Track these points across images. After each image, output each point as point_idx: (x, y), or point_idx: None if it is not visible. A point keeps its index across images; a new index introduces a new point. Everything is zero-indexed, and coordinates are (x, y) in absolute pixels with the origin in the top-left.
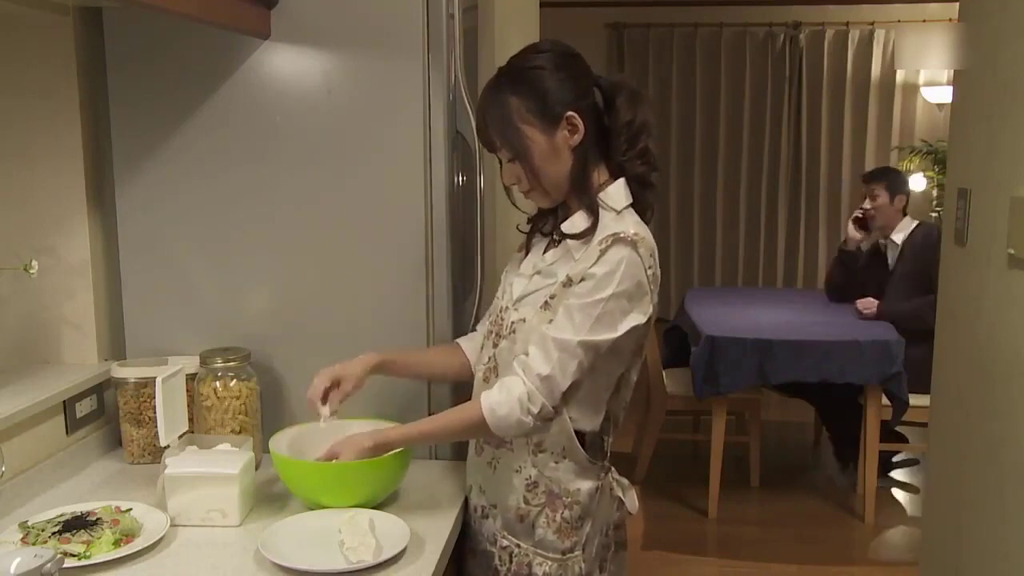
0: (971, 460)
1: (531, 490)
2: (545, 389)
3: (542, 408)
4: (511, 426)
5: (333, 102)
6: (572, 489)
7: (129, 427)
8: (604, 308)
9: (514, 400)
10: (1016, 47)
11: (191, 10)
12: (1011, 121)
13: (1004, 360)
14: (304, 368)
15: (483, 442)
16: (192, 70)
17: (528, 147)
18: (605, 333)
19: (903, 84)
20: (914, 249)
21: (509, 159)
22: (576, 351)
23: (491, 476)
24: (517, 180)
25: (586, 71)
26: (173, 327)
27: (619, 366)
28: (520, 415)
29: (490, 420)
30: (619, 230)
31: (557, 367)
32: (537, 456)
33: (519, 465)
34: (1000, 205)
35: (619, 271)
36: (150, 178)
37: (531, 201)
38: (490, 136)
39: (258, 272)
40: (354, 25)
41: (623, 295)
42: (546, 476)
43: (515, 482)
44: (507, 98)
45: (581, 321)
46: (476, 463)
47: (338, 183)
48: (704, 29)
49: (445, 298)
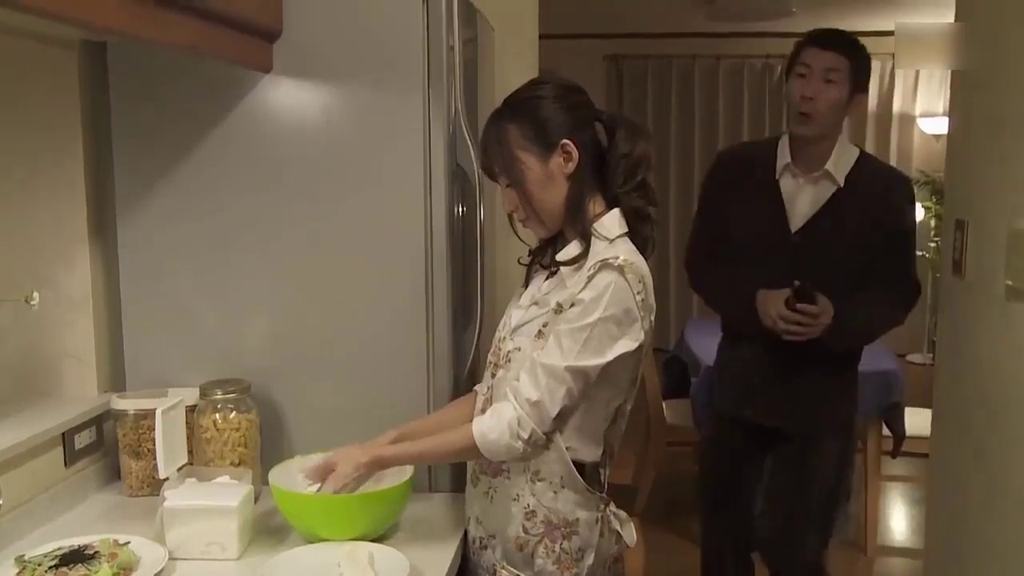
0: (973, 491)
1: (529, 519)
2: (535, 414)
3: (532, 433)
4: (501, 450)
5: (334, 134)
6: (571, 519)
7: (128, 459)
8: (591, 333)
9: (504, 425)
10: (1011, 79)
11: (194, 44)
12: (1008, 153)
13: (1005, 391)
14: (304, 400)
15: (479, 472)
16: (194, 103)
17: (524, 173)
18: (593, 359)
19: (900, 115)
20: (871, 196)
21: (507, 184)
22: (564, 376)
23: (488, 506)
24: (515, 207)
25: (586, 103)
26: (173, 358)
27: (616, 396)
28: (510, 439)
29: (480, 444)
30: (608, 256)
31: (546, 392)
32: (535, 485)
33: (517, 494)
34: (998, 237)
35: (606, 296)
36: (151, 210)
37: (530, 231)
38: (490, 162)
39: (258, 304)
40: (355, 58)
41: (611, 320)
42: (544, 506)
43: (513, 511)
44: (506, 125)
45: (569, 347)
46: (473, 494)
47: (339, 215)
48: (702, 61)
49: (445, 329)
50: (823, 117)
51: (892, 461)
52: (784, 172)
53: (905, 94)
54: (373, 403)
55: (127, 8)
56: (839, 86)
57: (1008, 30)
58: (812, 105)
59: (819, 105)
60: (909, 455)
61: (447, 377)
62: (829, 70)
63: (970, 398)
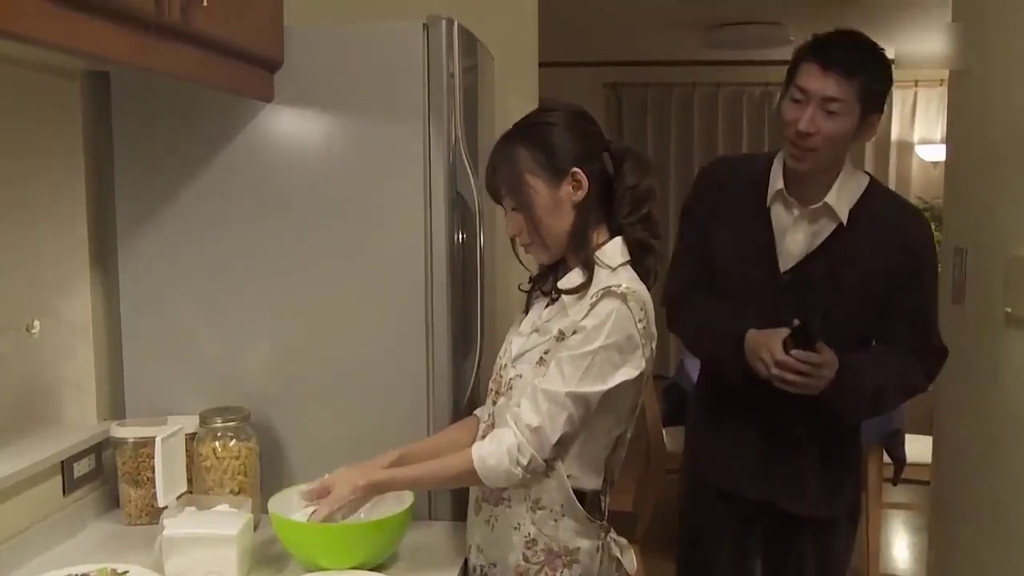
0: (975, 519)
1: (530, 547)
2: (535, 440)
3: (531, 460)
4: (500, 476)
5: (334, 163)
6: (572, 548)
7: (127, 487)
8: (593, 360)
9: (503, 451)
10: (1007, 106)
11: (195, 74)
12: (1006, 181)
13: (1006, 417)
14: (304, 428)
15: (481, 500)
16: (196, 132)
17: (532, 198)
18: (595, 385)
19: (898, 142)
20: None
21: (513, 208)
22: (565, 403)
23: (490, 534)
24: (519, 231)
25: (596, 133)
26: (173, 386)
27: (617, 424)
28: (509, 465)
29: (479, 469)
30: (610, 284)
31: (547, 419)
32: (536, 513)
33: (518, 522)
34: (996, 264)
35: (608, 323)
36: (152, 239)
37: (532, 257)
38: (497, 185)
39: (259, 331)
40: (355, 87)
41: (613, 348)
42: (545, 534)
43: (514, 539)
44: (516, 148)
45: (570, 373)
46: (475, 522)
47: (339, 243)
48: (701, 89)
49: (445, 357)
50: (821, 154)
51: (893, 488)
52: (776, 199)
53: (903, 121)
54: (373, 431)
55: (129, 39)
56: (844, 118)
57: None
58: (808, 141)
59: (816, 140)
60: (910, 482)
61: (447, 404)
62: (830, 100)
63: (971, 425)
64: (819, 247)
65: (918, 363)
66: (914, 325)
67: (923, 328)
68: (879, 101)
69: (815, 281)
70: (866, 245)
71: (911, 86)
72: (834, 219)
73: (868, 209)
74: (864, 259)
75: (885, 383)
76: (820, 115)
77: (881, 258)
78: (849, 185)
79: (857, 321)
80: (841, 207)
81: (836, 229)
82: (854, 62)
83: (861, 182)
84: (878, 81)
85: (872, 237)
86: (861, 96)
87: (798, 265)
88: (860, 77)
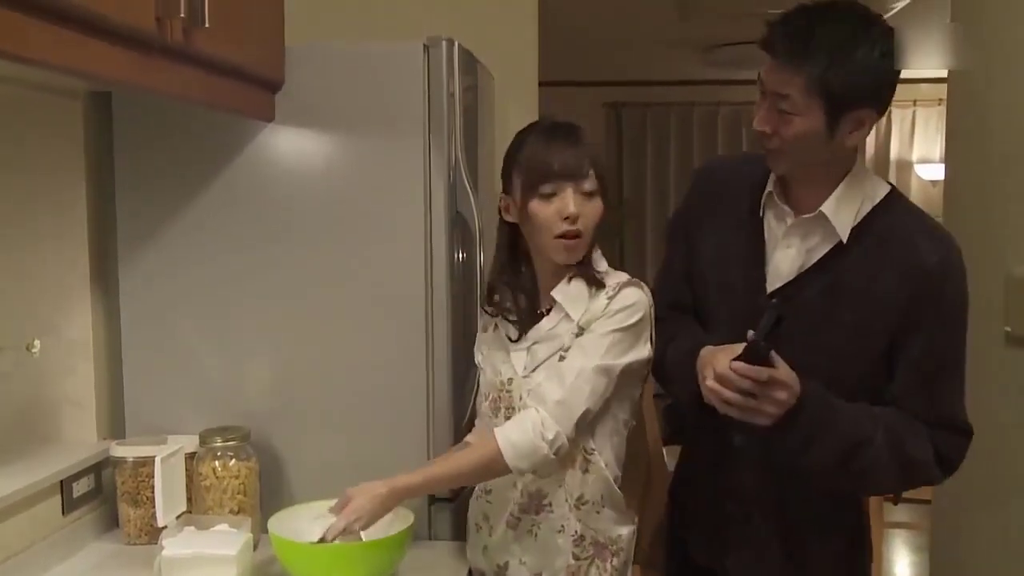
0: (976, 538)
1: (579, 545)
2: (558, 413)
3: (556, 435)
4: (526, 454)
5: (335, 182)
6: (615, 536)
7: (127, 507)
8: (617, 338)
9: (527, 426)
10: (1006, 125)
11: (197, 95)
12: (1005, 200)
13: (1006, 436)
14: (304, 447)
15: (519, 512)
16: (197, 152)
17: (608, 192)
18: (617, 359)
19: (897, 160)
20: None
21: (591, 192)
22: (589, 376)
23: (533, 544)
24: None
25: None
26: (173, 405)
27: (631, 415)
28: (534, 439)
29: (505, 449)
30: (621, 279)
31: (570, 392)
32: (580, 510)
33: (562, 524)
34: (996, 283)
35: (633, 307)
36: (153, 257)
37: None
38: (584, 165)
39: (259, 350)
40: (356, 107)
41: (633, 329)
42: (591, 528)
43: (560, 542)
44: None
45: (594, 350)
46: (511, 536)
47: (340, 262)
48: (700, 108)
49: (445, 376)
50: (791, 157)
51: (894, 508)
52: (769, 205)
53: (902, 140)
54: (374, 450)
55: (132, 60)
56: (800, 119)
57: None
58: (767, 141)
59: (776, 142)
60: (911, 501)
61: (448, 424)
62: (778, 96)
63: (971, 444)
64: (813, 268)
65: (925, 434)
66: (924, 383)
67: (936, 390)
68: (859, 94)
69: (804, 307)
70: (870, 270)
71: (910, 105)
72: (832, 234)
73: (878, 226)
74: (866, 288)
75: (868, 438)
76: (775, 113)
77: (887, 288)
78: (853, 194)
79: (852, 370)
80: (841, 220)
81: (835, 248)
82: (799, 49)
83: (874, 192)
84: (844, 69)
85: (879, 261)
86: (819, 90)
87: (788, 287)
88: (809, 68)
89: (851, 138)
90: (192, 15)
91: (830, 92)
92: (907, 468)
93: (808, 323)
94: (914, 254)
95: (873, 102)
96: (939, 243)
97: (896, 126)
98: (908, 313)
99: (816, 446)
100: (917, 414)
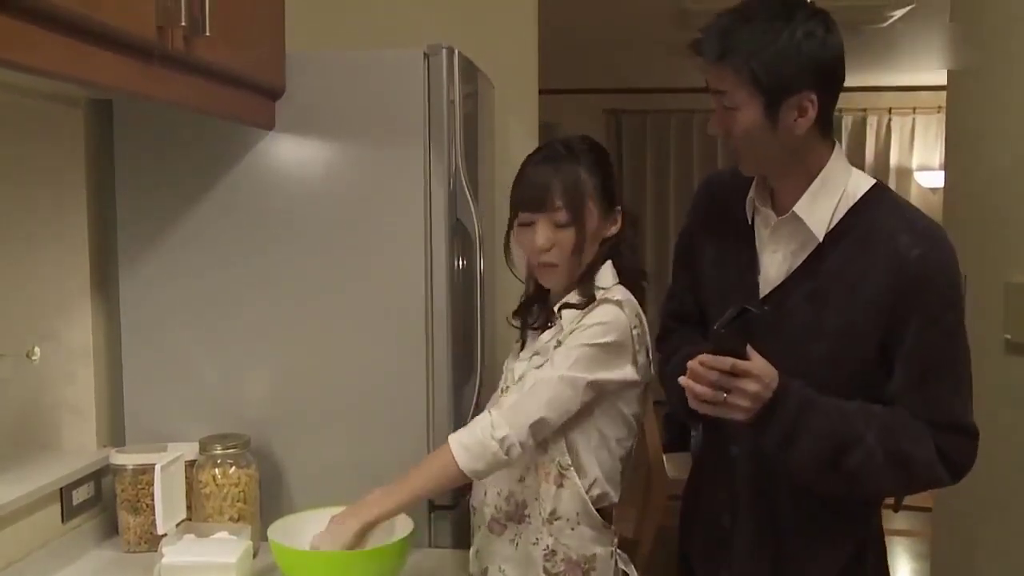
0: (977, 545)
1: (549, 559)
2: (510, 415)
3: (506, 436)
4: (478, 454)
5: (335, 190)
6: (588, 555)
7: (126, 514)
8: (584, 352)
9: (477, 428)
10: (1005, 133)
11: (197, 102)
12: (1005, 208)
13: (1006, 444)
14: (304, 455)
15: (504, 520)
16: (197, 159)
17: (585, 220)
18: (583, 372)
19: (897, 168)
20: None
21: (563, 224)
22: (550, 385)
23: (514, 553)
24: (551, 246)
25: None
26: (173, 412)
27: (628, 436)
28: (484, 439)
29: (458, 453)
30: (607, 296)
31: (526, 396)
32: (553, 524)
33: (536, 537)
34: (995, 291)
35: (604, 325)
36: (153, 265)
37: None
38: (552, 196)
39: (259, 358)
40: (356, 114)
41: (606, 348)
42: (563, 543)
43: (534, 554)
44: (578, 169)
45: (560, 361)
46: (496, 542)
47: (339, 269)
48: (700, 115)
49: (445, 383)
50: (752, 155)
51: (895, 515)
52: (756, 210)
53: (902, 147)
54: (373, 458)
55: (133, 68)
56: (741, 112)
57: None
58: (728, 142)
59: (734, 142)
60: (911, 509)
61: (447, 430)
62: (719, 94)
63: None
64: (798, 271)
65: (927, 433)
66: (917, 382)
67: (931, 389)
68: (790, 79)
69: (791, 313)
70: (854, 270)
71: (909, 113)
72: (811, 235)
73: (859, 222)
74: (851, 290)
75: (858, 436)
76: (723, 112)
77: (872, 288)
78: (828, 191)
79: (844, 374)
80: (815, 219)
81: (818, 248)
82: (724, 44)
83: (854, 189)
84: (767, 56)
85: (862, 260)
86: (748, 80)
87: (775, 292)
88: (732, 60)
89: (798, 125)
90: (193, 23)
91: (758, 81)
92: (907, 469)
93: (796, 328)
94: (895, 250)
95: (810, 85)
96: (921, 237)
97: (896, 133)
98: (894, 310)
99: (799, 443)
100: (916, 414)
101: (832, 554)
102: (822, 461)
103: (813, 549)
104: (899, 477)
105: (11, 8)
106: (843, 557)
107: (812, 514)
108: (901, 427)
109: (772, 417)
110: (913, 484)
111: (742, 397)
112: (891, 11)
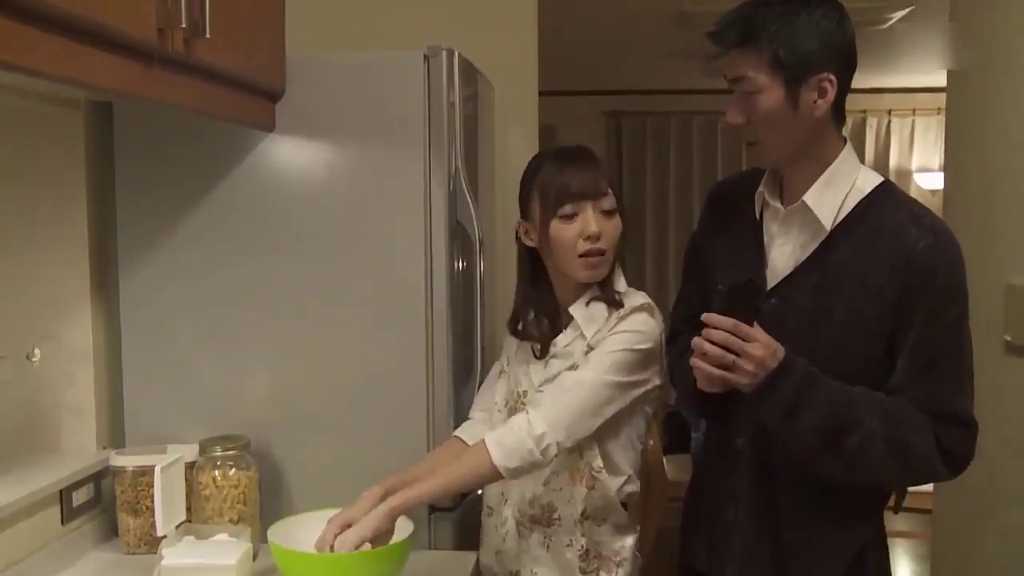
0: (977, 547)
1: (584, 559)
2: (549, 415)
3: (544, 434)
4: (515, 450)
5: (335, 192)
6: (617, 547)
7: (126, 516)
8: (623, 358)
9: (515, 426)
10: (1005, 135)
11: (198, 105)
12: (1004, 209)
13: (1005, 445)
14: (305, 457)
15: (532, 523)
16: (197, 161)
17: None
18: (618, 375)
19: (896, 169)
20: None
21: (610, 210)
22: (590, 387)
23: (546, 555)
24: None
25: None
26: (173, 414)
27: (646, 431)
28: (522, 436)
29: (493, 450)
30: (636, 302)
31: (566, 397)
32: (584, 524)
33: (569, 539)
34: (995, 292)
35: (640, 333)
36: (153, 266)
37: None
38: (600, 182)
39: (259, 360)
40: (356, 116)
41: (642, 354)
42: (595, 541)
43: (568, 556)
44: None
45: (598, 364)
46: (523, 546)
47: (340, 271)
48: (700, 117)
49: (445, 384)
50: (770, 143)
51: (895, 516)
52: (764, 205)
53: (901, 149)
54: (374, 459)
55: (133, 70)
56: (764, 96)
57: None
58: (745, 134)
59: (752, 132)
60: (912, 510)
61: (448, 431)
62: (738, 81)
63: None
64: (805, 264)
65: (928, 425)
66: (920, 373)
67: (933, 381)
68: (811, 59)
69: (798, 306)
70: (861, 264)
71: (909, 114)
72: (818, 227)
73: (867, 216)
74: (858, 283)
75: (859, 419)
76: (743, 100)
77: (879, 282)
78: (838, 183)
79: (851, 368)
80: (824, 209)
81: (826, 240)
82: (744, 31)
83: (863, 184)
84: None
85: (869, 254)
86: (770, 62)
87: (783, 285)
88: (754, 44)
89: (817, 107)
90: (193, 25)
91: (781, 62)
92: (905, 458)
93: (803, 320)
94: (903, 242)
95: (830, 65)
96: (929, 231)
97: (895, 135)
98: (900, 303)
99: (800, 417)
100: (917, 406)
101: (836, 551)
102: (822, 438)
103: (817, 545)
104: (897, 465)
105: (10, 9)
106: (847, 555)
107: (817, 510)
108: (903, 416)
109: (776, 387)
110: (910, 474)
111: (748, 361)
112: (891, 12)
